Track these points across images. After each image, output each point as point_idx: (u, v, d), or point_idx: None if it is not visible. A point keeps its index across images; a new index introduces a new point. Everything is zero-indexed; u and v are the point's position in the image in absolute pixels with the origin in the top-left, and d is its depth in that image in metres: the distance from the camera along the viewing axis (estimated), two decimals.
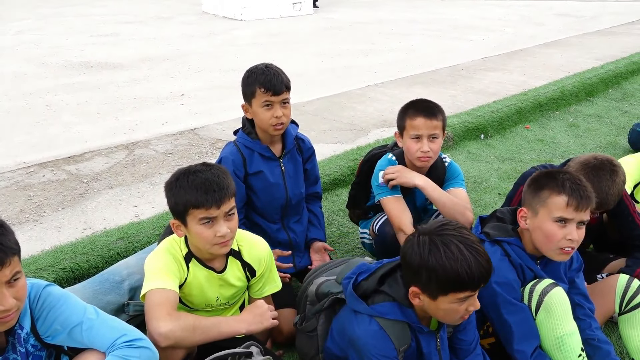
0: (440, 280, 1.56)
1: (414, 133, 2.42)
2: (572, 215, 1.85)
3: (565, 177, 1.89)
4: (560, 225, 1.86)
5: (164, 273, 1.82)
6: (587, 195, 1.85)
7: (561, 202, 1.85)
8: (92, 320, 1.60)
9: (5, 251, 1.42)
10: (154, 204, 3.39)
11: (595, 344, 1.94)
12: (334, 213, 3.49)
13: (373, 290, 1.73)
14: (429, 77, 6.52)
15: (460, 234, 1.58)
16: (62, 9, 13.21)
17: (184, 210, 1.80)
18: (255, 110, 2.37)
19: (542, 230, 1.89)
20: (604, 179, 2.21)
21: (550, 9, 12.22)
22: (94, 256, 2.78)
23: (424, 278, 1.58)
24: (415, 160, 2.46)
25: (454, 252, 1.54)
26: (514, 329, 1.87)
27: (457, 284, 1.56)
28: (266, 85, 2.30)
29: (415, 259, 1.59)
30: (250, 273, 2.02)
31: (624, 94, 6.23)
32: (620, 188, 2.26)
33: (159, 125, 4.91)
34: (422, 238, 1.60)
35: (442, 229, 1.61)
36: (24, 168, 3.94)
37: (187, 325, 1.73)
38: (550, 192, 1.88)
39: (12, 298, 1.44)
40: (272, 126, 2.35)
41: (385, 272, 1.76)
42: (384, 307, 1.68)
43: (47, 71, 7.01)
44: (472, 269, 1.54)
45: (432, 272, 1.56)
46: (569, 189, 1.85)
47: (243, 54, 7.89)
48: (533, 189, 1.94)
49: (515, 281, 1.91)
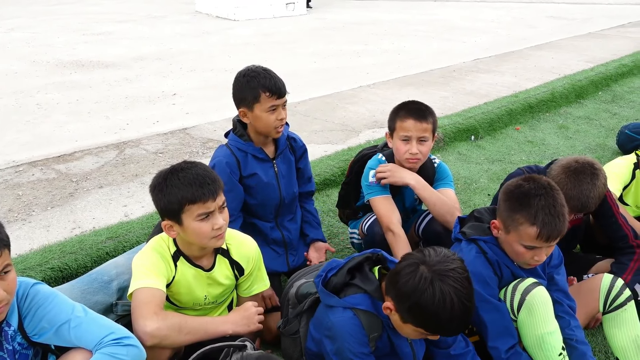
0: (419, 317, 1.59)
1: (404, 134, 2.44)
2: (541, 244, 1.86)
3: (540, 205, 1.83)
4: (528, 249, 1.88)
5: (151, 272, 1.82)
6: (558, 228, 1.83)
7: (532, 233, 1.84)
8: (80, 318, 1.61)
9: None
10: (143, 204, 3.39)
11: (573, 344, 1.95)
12: (324, 213, 3.50)
13: (343, 284, 1.75)
14: (421, 78, 6.55)
15: (460, 286, 1.57)
16: (54, 7, 13.14)
17: (179, 208, 1.80)
18: (258, 115, 2.35)
19: (512, 247, 1.92)
20: (585, 183, 2.22)
21: (543, 12, 12.29)
22: (83, 256, 2.77)
23: (407, 306, 1.60)
24: (404, 162, 2.48)
25: (446, 303, 1.54)
26: (488, 327, 1.90)
27: (431, 328, 1.59)
28: (272, 89, 2.30)
29: (409, 288, 1.58)
30: (239, 271, 2.02)
31: (614, 96, 6.28)
32: (601, 191, 2.28)
33: (150, 125, 4.90)
34: (425, 274, 1.58)
35: (447, 274, 1.57)
36: (13, 167, 3.92)
37: (174, 325, 1.74)
38: (523, 220, 1.85)
39: (2, 290, 1.44)
40: (275, 129, 2.37)
41: (352, 265, 1.77)
42: (355, 298, 1.71)
43: (39, 69, 6.98)
44: (453, 325, 1.57)
45: (417, 307, 1.57)
46: (541, 221, 1.81)
47: (236, 54, 7.88)
48: (508, 207, 1.91)
49: (490, 277, 1.93)
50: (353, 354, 1.66)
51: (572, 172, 2.24)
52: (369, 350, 1.69)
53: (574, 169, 2.25)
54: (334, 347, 1.69)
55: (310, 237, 2.66)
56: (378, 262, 1.85)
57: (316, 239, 2.67)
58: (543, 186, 1.89)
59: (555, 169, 2.30)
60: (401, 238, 2.39)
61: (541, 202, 1.84)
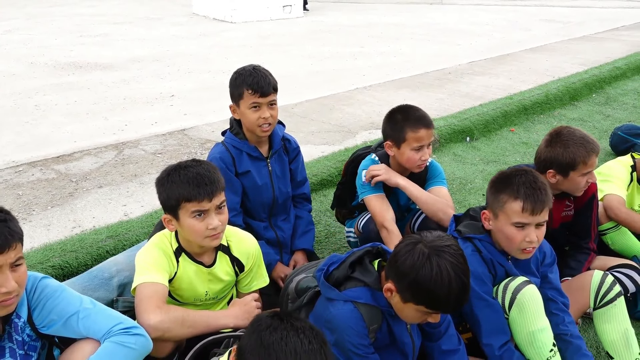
0: (418, 293, 1.63)
1: (418, 145, 2.44)
2: (529, 219, 1.92)
3: (521, 181, 1.94)
4: (518, 228, 1.94)
5: (153, 267, 1.87)
6: (541, 200, 1.91)
7: (517, 208, 1.91)
8: (89, 310, 1.66)
9: (12, 234, 1.49)
10: (142, 203, 3.43)
11: (567, 338, 2.01)
12: (322, 213, 3.54)
13: (344, 277, 1.80)
14: (417, 80, 6.61)
15: (456, 261, 1.62)
16: (51, 8, 13.16)
17: (176, 204, 1.85)
18: (242, 112, 2.42)
19: (503, 232, 1.97)
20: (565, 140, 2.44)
21: (537, 15, 12.40)
22: (83, 254, 2.81)
23: (406, 284, 1.64)
24: (415, 168, 2.52)
25: (443, 277, 1.58)
26: (482, 324, 1.95)
27: (431, 303, 1.63)
28: (254, 87, 2.35)
29: (407, 264, 1.63)
30: (239, 268, 2.07)
31: (607, 98, 6.36)
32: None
33: (149, 126, 4.94)
34: (422, 249, 1.64)
35: (443, 249, 1.63)
36: (13, 167, 3.95)
37: (176, 318, 1.78)
38: (506, 197, 1.94)
39: (14, 282, 1.48)
40: (259, 127, 2.40)
41: (354, 259, 1.82)
42: (355, 291, 1.75)
43: (36, 71, 7.00)
44: (451, 297, 1.60)
45: (415, 283, 1.61)
46: (523, 194, 1.90)
47: (233, 56, 7.93)
48: (493, 192, 2.01)
49: (485, 275, 1.98)
50: (353, 345, 1.70)
51: (552, 136, 2.45)
52: (368, 342, 1.73)
53: (554, 133, 2.46)
54: (333, 339, 1.73)
55: (294, 244, 2.69)
56: (378, 255, 1.90)
57: (297, 249, 2.69)
58: (523, 169, 2.02)
59: (538, 151, 2.50)
60: (395, 235, 2.43)
61: (522, 179, 1.95)
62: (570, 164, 2.39)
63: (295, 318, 1.34)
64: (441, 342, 1.88)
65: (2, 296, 1.47)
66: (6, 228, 1.48)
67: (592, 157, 2.40)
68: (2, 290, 1.46)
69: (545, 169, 2.46)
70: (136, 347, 1.62)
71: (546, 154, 2.46)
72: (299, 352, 1.25)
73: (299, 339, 1.27)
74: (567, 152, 2.39)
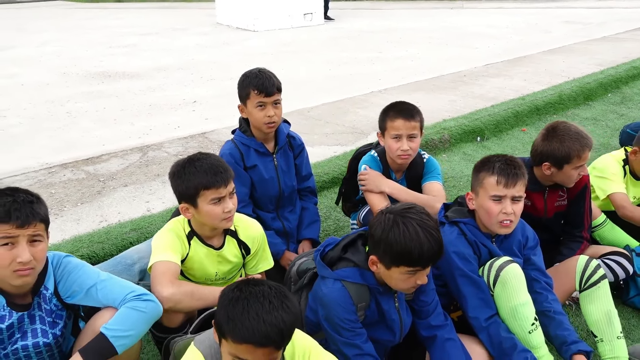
0: (394, 254, 1.79)
1: (395, 133, 2.65)
2: (504, 192, 2.10)
3: (497, 160, 2.16)
4: (496, 202, 2.12)
5: (167, 248, 2.08)
6: (514, 173, 2.11)
7: (492, 181, 2.12)
8: (105, 282, 1.88)
9: (34, 215, 1.71)
10: (164, 200, 3.67)
11: (550, 315, 2.15)
12: (332, 209, 3.73)
13: (337, 258, 1.97)
14: (432, 83, 6.74)
15: (420, 218, 1.80)
16: (83, 21, 13.74)
17: (195, 192, 2.05)
18: (249, 111, 2.63)
19: (483, 208, 2.15)
20: (562, 134, 2.58)
21: (558, 17, 12.34)
22: (109, 245, 3.06)
23: (382, 249, 1.82)
24: (396, 158, 2.69)
25: (410, 233, 1.76)
26: (468, 299, 2.11)
27: (408, 259, 1.78)
28: (259, 88, 2.56)
29: (378, 232, 1.82)
30: (245, 251, 2.27)
31: (623, 97, 6.38)
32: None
33: (172, 130, 5.21)
34: (388, 215, 1.84)
35: (406, 211, 1.83)
36: (47, 168, 4.26)
37: (186, 291, 1.99)
38: (484, 174, 2.16)
39: (29, 254, 1.70)
40: (265, 124, 2.62)
41: (347, 242, 2.00)
42: (345, 271, 1.92)
43: (68, 81, 7.40)
44: (424, 249, 1.76)
45: (389, 246, 1.79)
46: (497, 169, 2.12)
47: (254, 63, 8.06)
48: (474, 174, 2.23)
49: (470, 255, 2.14)
50: (340, 320, 1.87)
51: (548, 131, 2.59)
52: (355, 317, 1.90)
53: (550, 128, 2.60)
54: (324, 314, 1.91)
55: (300, 234, 2.89)
56: None
57: (303, 238, 2.88)
58: (503, 154, 2.21)
59: (535, 145, 2.64)
60: None
61: (498, 159, 2.17)
62: (566, 157, 2.52)
63: (254, 284, 1.48)
64: (430, 319, 2.04)
65: (17, 265, 1.69)
66: (30, 208, 1.70)
67: (586, 152, 2.54)
68: (18, 259, 1.68)
69: (540, 162, 2.60)
70: (147, 311, 1.83)
71: (542, 148, 2.60)
72: (261, 315, 1.38)
73: (260, 303, 1.40)
74: (562, 147, 2.52)
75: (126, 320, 1.78)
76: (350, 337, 1.87)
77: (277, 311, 1.40)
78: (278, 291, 1.46)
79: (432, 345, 2.02)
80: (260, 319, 1.38)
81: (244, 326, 1.38)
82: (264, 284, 1.48)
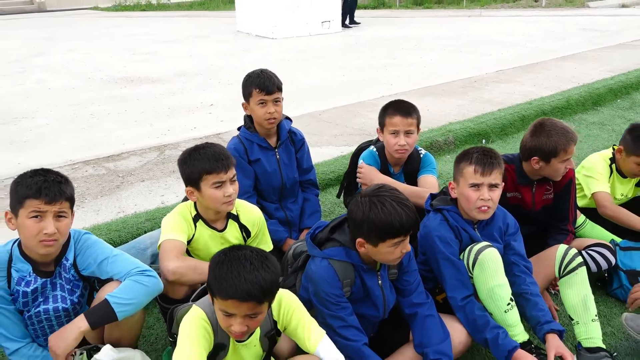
0: (378, 231, 1.96)
1: (393, 129, 2.83)
2: (481, 179, 2.26)
3: (475, 151, 2.31)
4: (474, 189, 2.28)
5: (175, 229, 2.30)
6: (490, 162, 2.26)
7: (470, 170, 2.28)
8: (116, 257, 2.11)
9: (61, 193, 1.95)
10: (178, 194, 3.90)
11: (527, 297, 2.29)
12: (336, 204, 3.91)
13: (326, 239, 2.16)
14: (442, 88, 6.89)
15: (392, 195, 1.99)
16: (107, 30, 14.22)
17: (199, 177, 2.26)
18: (252, 108, 2.85)
19: (463, 195, 2.32)
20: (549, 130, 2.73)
21: (576, 24, 12.36)
22: (125, 233, 3.29)
23: (366, 230, 1.99)
24: (394, 153, 2.87)
25: (388, 208, 1.94)
26: (447, 280, 2.27)
27: (392, 232, 1.96)
28: (260, 87, 2.78)
29: (359, 215, 1.99)
30: (246, 234, 2.47)
31: (632, 103, 6.44)
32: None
33: (188, 131, 5.47)
34: (363, 199, 2.01)
35: (378, 191, 2.02)
36: (70, 165, 4.54)
37: (190, 265, 2.20)
38: (464, 164, 2.33)
39: (54, 227, 1.92)
40: (266, 120, 2.83)
41: (335, 224, 2.18)
42: (332, 250, 2.10)
43: (93, 85, 7.75)
44: (403, 219, 1.94)
45: (372, 224, 1.96)
46: (475, 159, 2.29)
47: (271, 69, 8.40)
48: (455, 165, 2.39)
49: (452, 239, 2.31)
50: (326, 294, 2.05)
51: (536, 127, 2.74)
52: (340, 292, 2.07)
53: (538, 124, 2.76)
54: (313, 290, 2.10)
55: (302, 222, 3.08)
56: None
57: (305, 227, 3.07)
58: (481, 146, 2.36)
59: (523, 140, 2.78)
60: None
61: (477, 150, 2.33)
62: (553, 151, 2.68)
63: (237, 248, 1.69)
64: (412, 297, 2.21)
65: (43, 236, 1.92)
66: (58, 187, 1.94)
67: (572, 146, 2.69)
68: (44, 231, 1.91)
69: (529, 156, 2.76)
70: (148, 285, 2.04)
71: (531, 143, 2.75)
72: (242, 274, 1.59)
73: (242, 264, 1.61)
74: (550, 141, 2.68)
75: (129, 291, 2.00)
76: (335, 310, 2.05)
77: (258, 271, 1.60)
78: (259, 254, 1.66)
79: (414, 321, 2.19)
80: (242, 277, 1.59)
81: (228, 284, 1.59)
82: (247, 249, 1.69)
